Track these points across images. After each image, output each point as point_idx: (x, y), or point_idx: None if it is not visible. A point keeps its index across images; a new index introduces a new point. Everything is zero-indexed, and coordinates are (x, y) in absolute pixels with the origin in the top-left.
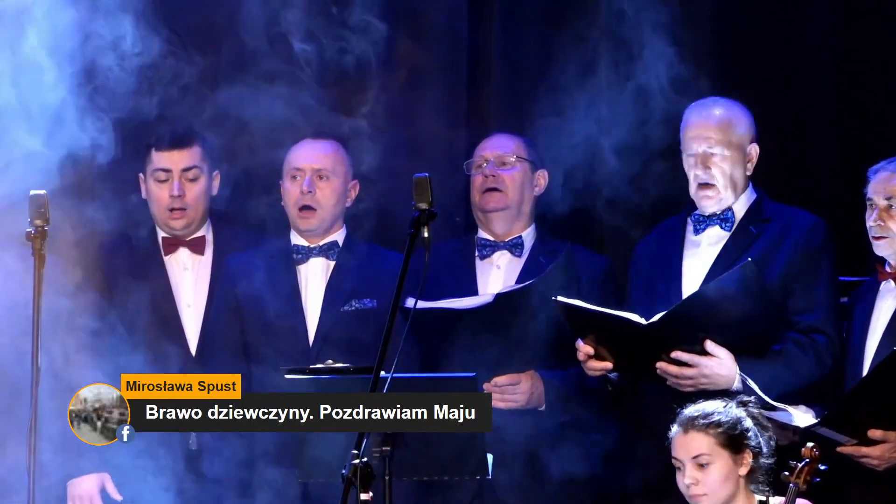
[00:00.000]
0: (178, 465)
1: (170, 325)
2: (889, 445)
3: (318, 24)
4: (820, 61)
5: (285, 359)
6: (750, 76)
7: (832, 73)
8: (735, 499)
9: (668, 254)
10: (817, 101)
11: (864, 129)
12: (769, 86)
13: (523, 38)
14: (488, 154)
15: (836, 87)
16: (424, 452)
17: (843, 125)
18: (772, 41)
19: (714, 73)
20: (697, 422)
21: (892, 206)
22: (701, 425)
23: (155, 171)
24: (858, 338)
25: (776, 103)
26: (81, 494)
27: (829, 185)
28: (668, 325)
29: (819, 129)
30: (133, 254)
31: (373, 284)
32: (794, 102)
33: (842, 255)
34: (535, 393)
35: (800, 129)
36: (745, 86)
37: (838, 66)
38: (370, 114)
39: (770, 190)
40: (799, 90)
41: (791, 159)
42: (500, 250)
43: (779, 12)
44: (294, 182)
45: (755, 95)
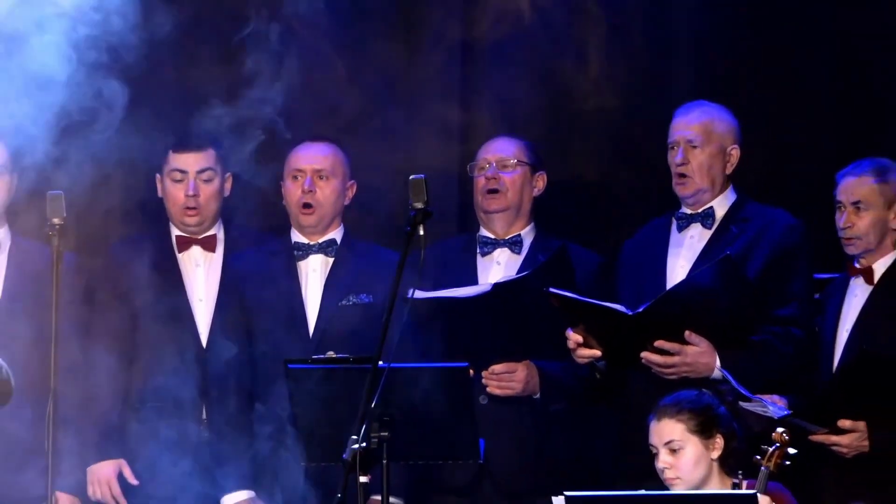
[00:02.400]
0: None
1: (182, 317)
2: (857, 434)
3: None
4: (802, 74)
5: (288, 350)
6: (735, 85)
7: (813, 85)
8: (708, 481)
9: (653, 251)
10: (798, 111)
11: (838, 136)
12: (753, 95)
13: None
14: (490, 157)
15: (815, 100)
16: (420, 438)
17: (819, 133)
18: (757, 53)
19: (705, 82)
20: (669, 410)
21: (859, 208)
22: (672, 413)
23: (172, 171)
24: (830, 331)
25: (760, 112)
26: (100, 479)
27: (806, 187)
28: (651, 315)
29: (799, 136)
30: (149, 250)
31: (369, 280)
32: (776, 111)
33: (819, 253)
34: (531, 381)
35: (781, 136)
36: (731, 94)
37: (818, 80)
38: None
39: (751, 191)
40: (781, 101)
41: (771, 163)
42: (500, 248)
43: (764, 23)
44: (295, 182)
45: (741, 104)
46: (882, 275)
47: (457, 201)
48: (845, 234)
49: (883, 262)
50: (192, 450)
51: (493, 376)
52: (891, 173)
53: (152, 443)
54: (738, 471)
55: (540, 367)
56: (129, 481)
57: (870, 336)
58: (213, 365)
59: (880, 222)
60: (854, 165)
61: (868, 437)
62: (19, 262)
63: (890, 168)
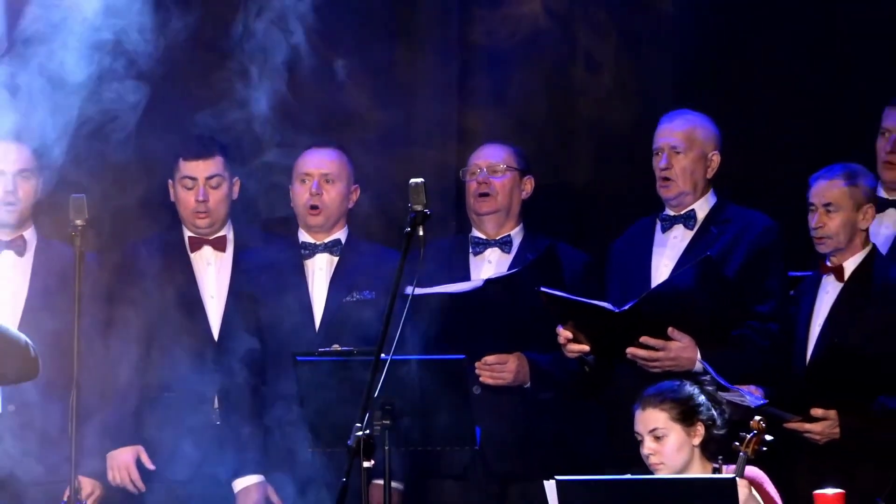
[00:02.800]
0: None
1: (195, 313)
2: (828, 423)
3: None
4: (780, 86)
5: (296, 343)
6: (717, 95)
7: (789, 96)
8: (690, 466)
9: (639, 250)
10: (775, 120)
11: (812, 142)
12: (734, 104)
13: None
14: (481, 163)
15: (791, 109)
16: (420, 426)
17: (795, 140)
18: (738, 65)
19: (688, 92)
20: (652, 399)
21: (830, 209)
22: (655, 402)
23: (182, 178)
24: (803, 326)
25: (740, 120)
26: (119, 465)
27: (783, 190)
28: (636, 312)
29: (775, 142)
30: (163, 251)
31: (371, 278)
32: (754, 120)
33: (795, 252)
34: (521, 372)
35: (759, 142)
36: (713, 103)
37: (795, 92)
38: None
39: (731, 194)
40: (760, 110)
41: (750, 167)
42: (491, 247)
43: (747, 36)
44: (303, 185)
45: (722, 113)
46: (851, 273)
47: (455, 203)
48: (817, 233)
49: (853, 260)
50: (205, 436)
51: (485, 367)
52: (860, 178)
53: (167, 430)
54: (718, 456)
55: (530, 359)
56: (147, 466)
57: (840, 330)
58: (224, 357)
59: (850, 223)
60: (826, 170)
61: (839, 424)
62: (45, 261)
63: (859, 173)
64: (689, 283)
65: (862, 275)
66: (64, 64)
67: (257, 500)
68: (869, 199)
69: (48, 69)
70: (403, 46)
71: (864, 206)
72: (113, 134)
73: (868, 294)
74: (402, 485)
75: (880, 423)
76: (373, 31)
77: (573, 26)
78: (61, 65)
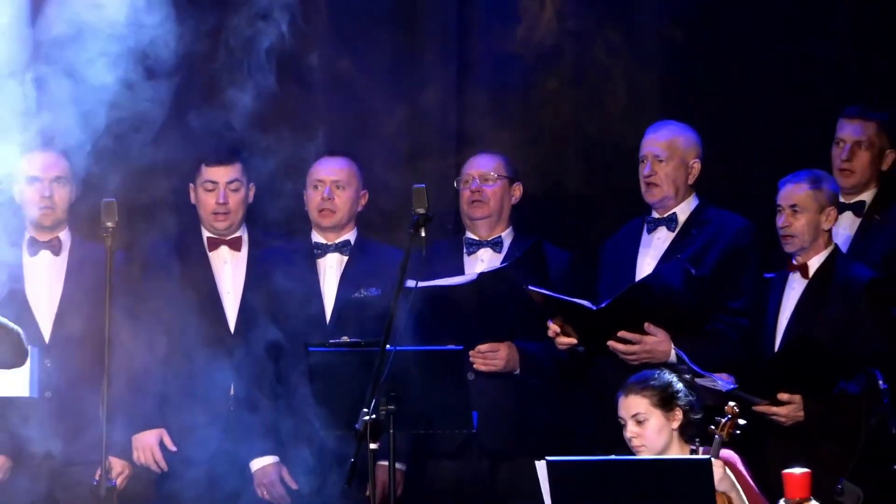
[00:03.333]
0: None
1: (213, 307)
2: (794, 406)
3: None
4: (755, 98)
5: (308, 335)
6: (699, 107)
7: (764, 106)
8: (670, 448)
9: (627, 250)
10: (749, 130)
11: (784, 150)
12: (714, 116)
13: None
14: (474, 172)
15: (764, 121)
16: (421, 410)
17: (769, 146)
18: (717, 81)
19: (673, 103)
20: (635, 387)
21: (796, 211)
22: (637, 389)
23: (204, 182)
24: (772, 318)
25: (721, 129)
26: (144, 446)
27: (759, 193)
28: (613, 309)
29: (752, 150)
30: (184, 250)
31: (377, 276)
32: (731, 129)
33: (771, 251)
34: (512, 359)
35: (736, 149)
36: (696, 115)
37: (768, 105)
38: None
39: (711, 196)
40: (736, 121)
41: (730, 173)
42: (483, 248)
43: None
44: (316, 190)
45: (704, 124)
46: (815, 270)
47: (454, 207)
48: (783, 232)
49: (817, 259)
50: (224, 420)
51: (478, 355)
52: (824, 182)
53: (189, 414)
54: (695, 439)
55: (520, 347)
56: (169, 448)
57: (805, 323)
58: (240, 347)
59: (813, 224)
60: (793, 175)
61: (803, 408)
62: (78, 260)
63: (823, 178)
64: (665, 281)
65: (825, 272)
66: (89, 70)
67: (272, 479)
68: (832, 202)
69: (74, 75)
70: (407, 61)
71: (826, 208)
72: (136, 138)
73: (830, 290)
74: (405, 465)
75: (841, 407)
76: (378, 46)
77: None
78: (87, 71)
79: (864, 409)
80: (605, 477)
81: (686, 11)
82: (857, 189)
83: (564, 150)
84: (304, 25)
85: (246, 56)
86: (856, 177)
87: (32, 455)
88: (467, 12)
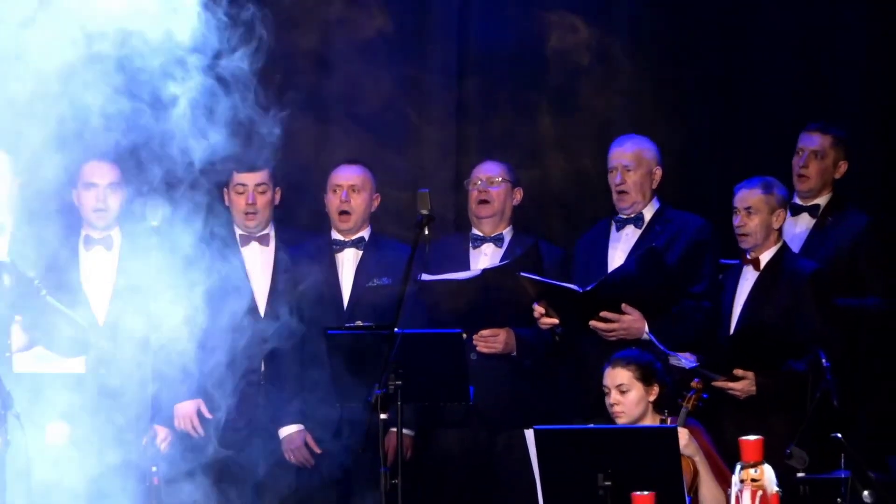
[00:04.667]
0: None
1: (245, 295)
2: (747, 381)
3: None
4: (712, 112)
5: (327, 319)
6: (662, 120)
7: (719, 121)
8: (644, 417)
9: (598, 246)
10: (704, 140)
11: (740, 156)
12: (677, 130)
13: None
14: (482, 176)
15: (721, 131)
16: (425, 384)
17: (725, 154)
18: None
19: (641, 118)
20: (621, 361)
21: (749, 212)
22: (623, 363)
23: (235, 185)
24: (728, 305)
25: (682, 141)
26: (184, 415)
27: (715, 195)
28: (596, 292)
29: (707, 156)
30: (219, 245)
31: (388, 268)
32: (693, 140)
33: (725, 243)
34: (510, 343)
35: (693, 156)
36: (659, 128)
37: (723, 115)
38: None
39: (671, 199)
40: (696, 133)
41: (687, 177)
42: (486, 243)
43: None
44: (335, 194)
45: (662, 133)
46: (766, 264)
47: (454, 207)
48: (739, 231)
49: (767, 254)
50: (254, 394)
51: (480, 339)
52: (774, 188)
53: (224, 387)
54: (665, 410)
55: (516, 332)
56: (206, 416)
57: (756, 309)
58: (268, 330)
59: (765, 224)
60: (747, 181)
61: (756, 383)
62: (129, 256)
63: (774, 184)
64: (637, 268)
65: (774, 265)
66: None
67: (298, 444)
68: (781, 204)
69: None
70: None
71: (777, 210)
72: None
73: (779, 281)
74: (412, 432)
75: (789, 383)
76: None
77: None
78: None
79: (810, 385)
80: (584, 442)
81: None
82: (812, 193)
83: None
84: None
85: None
86: (810, 182)
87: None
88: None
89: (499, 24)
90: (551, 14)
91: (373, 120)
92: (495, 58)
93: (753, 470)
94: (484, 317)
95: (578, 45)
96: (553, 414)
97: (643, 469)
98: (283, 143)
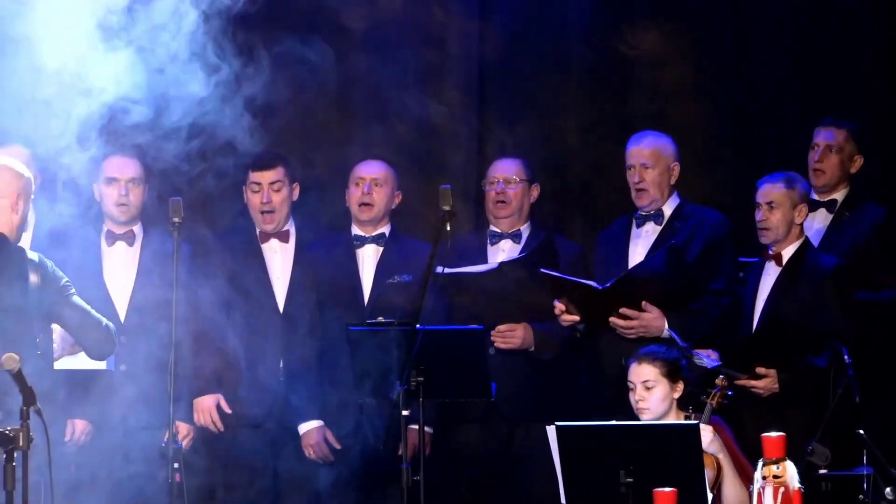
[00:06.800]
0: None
1: (265, 291)
2: (770, 379)
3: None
4: (732, 112)
5: (348, 316)
6: (682, 119)
7: (729, 117)
8: (668, 414)
9: (619, 241)
10: (726, 136)
11: (757, 154)
12: (696, 128)
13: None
14: (498, 175)
15: (743, 127)
16: (446, 382)
17: (743, 152)
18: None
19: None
20: (647, 357)
21: (771, 207)
22: (650, 359)
23: (251, 184)
24: (749, 302)
25: (699, 138)
26: (203, 409)
27: (734, 191)
28: (616, 289)
29: (726, 152)
30: (240, 241)
31: (409, 264)
32: (715, 137)
33: (746, 241)
34: (527, 338)
35: (708, 154)
36: (681, 126)
37: (743, 113)
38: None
39: (690, 195)
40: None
41: (707, 174)
42: (504, 239)
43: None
44: (357, 188)
45: (680, 130)
46: (788, 259)
47: (474, 203)
48: (760, 226)
49: (789, 249)
50: (274, 389)
51: (498, 334)
52: (797, 182)
53: (243, 383)
54: (689, 407)
55: (534, 327)
56: (225, 411)
57: (778, 305)
58: (288, 326)
59: (787, 219)
60: (770, 175)
61: (778, 380)
62: (150, 250)
63: (796, 178)
64: (658, 266)
65: (796, 261)
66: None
67: (318, 440)
68: (803, 199)
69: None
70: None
71: (799, 205)
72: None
73: (800, 276)
74: (432, 429)
75: (811, 379)
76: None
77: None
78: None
79: (832, 381)
80: (606, 439)
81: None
82: (828, 188)
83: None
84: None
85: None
86: (826, 177)
87: (110, 420)
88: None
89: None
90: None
91: (394, 117)
92: (516, 48)
93: (776, 466)
94: (501, 310)
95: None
96: (572, 409)
97: (665, 466)
98: (305, 142)
